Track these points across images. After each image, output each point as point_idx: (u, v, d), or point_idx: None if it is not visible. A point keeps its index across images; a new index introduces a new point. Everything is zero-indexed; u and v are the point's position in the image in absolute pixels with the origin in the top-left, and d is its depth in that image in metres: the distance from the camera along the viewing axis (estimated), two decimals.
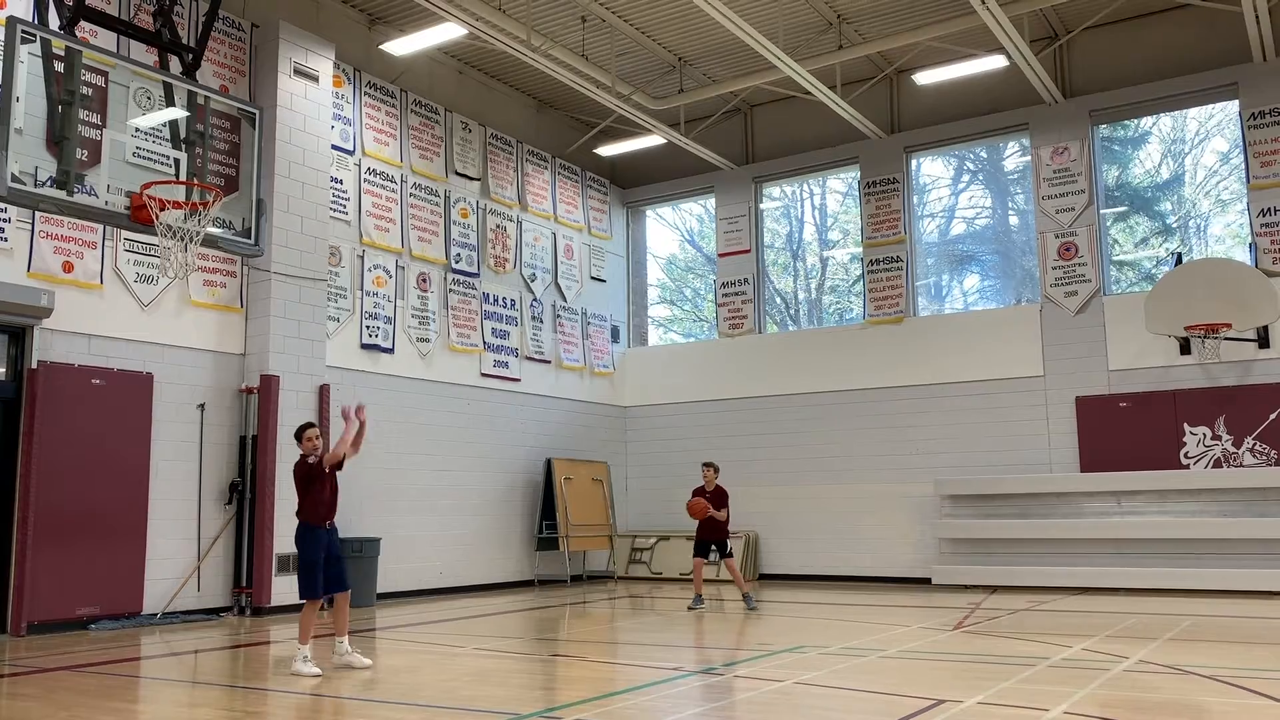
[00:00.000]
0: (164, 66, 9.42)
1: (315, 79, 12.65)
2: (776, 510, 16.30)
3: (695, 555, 12.09)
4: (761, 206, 17.77)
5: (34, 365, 9.96)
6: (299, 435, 7.72)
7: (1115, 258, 15.19)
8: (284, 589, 11.57)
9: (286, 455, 11.81)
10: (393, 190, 14.09)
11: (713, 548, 11.96)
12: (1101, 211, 14.87)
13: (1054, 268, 14.75)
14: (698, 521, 11.98)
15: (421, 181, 14.54)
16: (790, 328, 17.75)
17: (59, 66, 8.13)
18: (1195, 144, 15.13)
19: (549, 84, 16.09)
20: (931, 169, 16.77)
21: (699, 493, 12.08)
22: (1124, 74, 14.68)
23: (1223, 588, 12.49)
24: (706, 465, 12.33)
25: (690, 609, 11.52)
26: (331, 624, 7.75)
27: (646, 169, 18.46)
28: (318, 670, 7.11)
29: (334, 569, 7.53)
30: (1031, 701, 5.73)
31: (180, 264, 8.56)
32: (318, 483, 7.55)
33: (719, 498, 11.98)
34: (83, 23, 8.81)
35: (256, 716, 5.83)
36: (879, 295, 16.05)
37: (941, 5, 13.90)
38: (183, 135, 9.03)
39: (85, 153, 8.45)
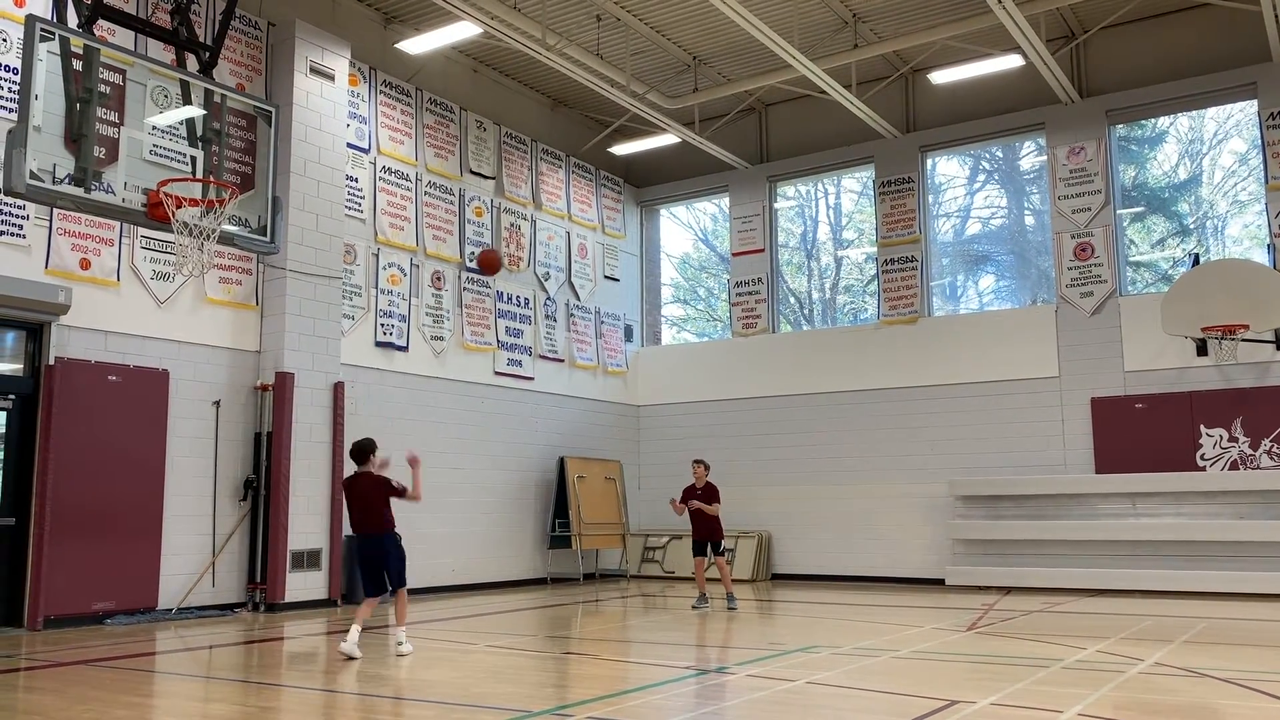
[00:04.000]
0: (181, 65, 9.45)
1: (331, 77, 12.70)
2: (789, 510, 16.28)
3: (695, 555, 12.00)
4: (776, 206, 17.74)
5: (51, 362, 10.03)
6: None
7: (1131, 258, 15.11)
8: (298, 585, 11.62)
9: (301, 452, 11.87)
10: (407, 188, 14.12)
11: (709, 546, 11.87)
12: (1118, 212, 14.78)
13: (1070, 268, 14.67)
14: (692, 522, 11.90)
15: (436, 180, 14.58)
16: (804, 327, 17.71)
17: (77, 64, 8.18)
18: (1213, 144, 15.03)
19: (564, 83, 16.10)
20: (947, 168, 16.70)
21: (689, 491, 11.99)
22: (1141, 73, 14.59)
23: (1238, 590, 12.42)
24: (697, 462, 12.21)
25: (694, 609, 11.49)
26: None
27: (661, 168, 18.45)
28: None
29: None
30: (1045, 703, 5.70)
31: (197, 262, 8.61)
32: None
33: (709, 494, 11.88)
34: (101, 21, 8.86)
35: (270, 712, 5.86)
36: (893, 295, 16.01)
37: (957, 4, 13.84)
38: (199, 133, 9.07)
39: (103, 150, 8.50)
